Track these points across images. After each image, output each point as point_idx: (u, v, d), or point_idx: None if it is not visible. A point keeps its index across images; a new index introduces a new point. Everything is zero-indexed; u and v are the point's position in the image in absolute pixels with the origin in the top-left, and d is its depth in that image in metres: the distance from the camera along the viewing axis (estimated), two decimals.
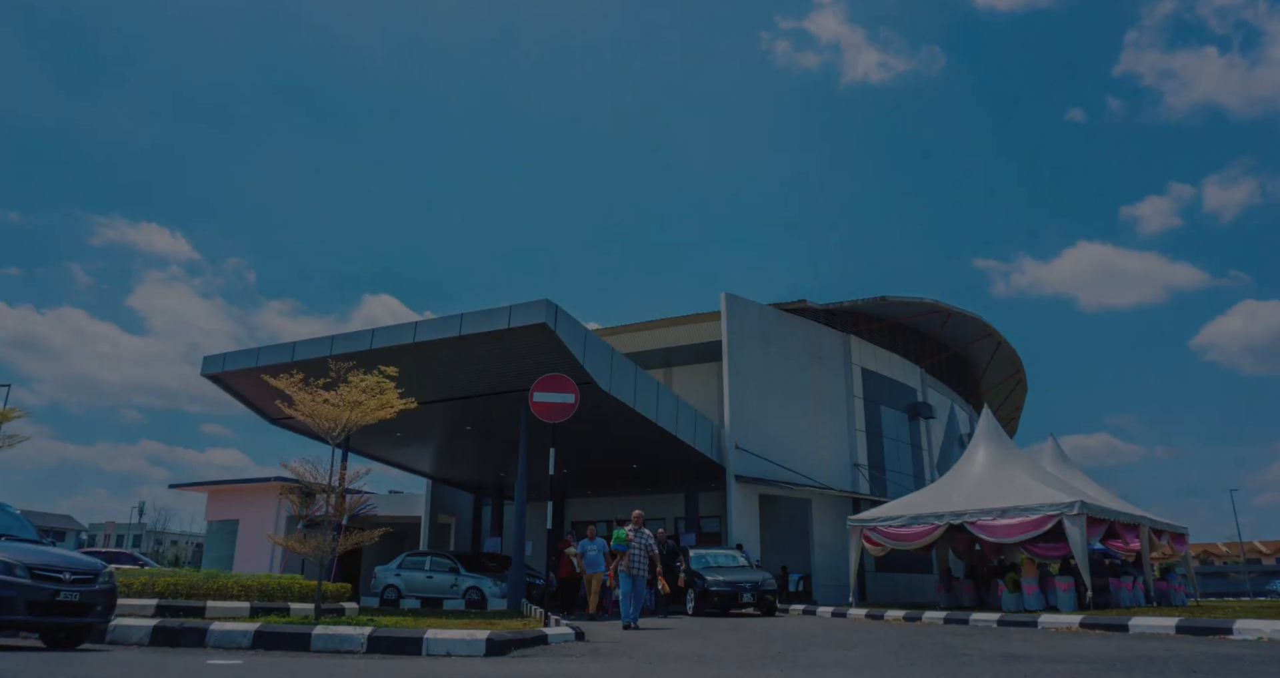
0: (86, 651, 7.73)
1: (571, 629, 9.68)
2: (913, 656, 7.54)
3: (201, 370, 18.74)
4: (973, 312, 28.14)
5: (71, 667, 6.13)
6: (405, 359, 15.49)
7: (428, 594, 20.03)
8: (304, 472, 11.13)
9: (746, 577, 16.40)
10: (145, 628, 8.73)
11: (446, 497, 29.81)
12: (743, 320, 22.38)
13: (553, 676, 6.23)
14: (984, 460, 17.57)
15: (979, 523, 15.54)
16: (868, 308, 26.05)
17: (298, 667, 6.71)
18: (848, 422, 24.93)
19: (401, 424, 16.75)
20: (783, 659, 7.27)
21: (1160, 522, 17.55)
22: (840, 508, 22.58)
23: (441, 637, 8.17)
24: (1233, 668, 6.24)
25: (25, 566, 7.27)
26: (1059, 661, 6.99)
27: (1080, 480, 18.49)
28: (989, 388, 35.70)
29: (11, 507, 8.87)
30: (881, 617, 14.52)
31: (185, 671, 6.25)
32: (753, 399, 21.92)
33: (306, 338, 17.58)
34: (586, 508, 27.85)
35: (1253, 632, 9.27)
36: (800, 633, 10.59)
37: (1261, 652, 7.67)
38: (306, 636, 8.33)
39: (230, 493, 33.61)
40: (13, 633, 8.52)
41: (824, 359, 24.72)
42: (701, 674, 6.17)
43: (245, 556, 30.76)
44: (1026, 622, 12.17)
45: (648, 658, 7.52)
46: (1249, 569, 61.46)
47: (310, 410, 10.78)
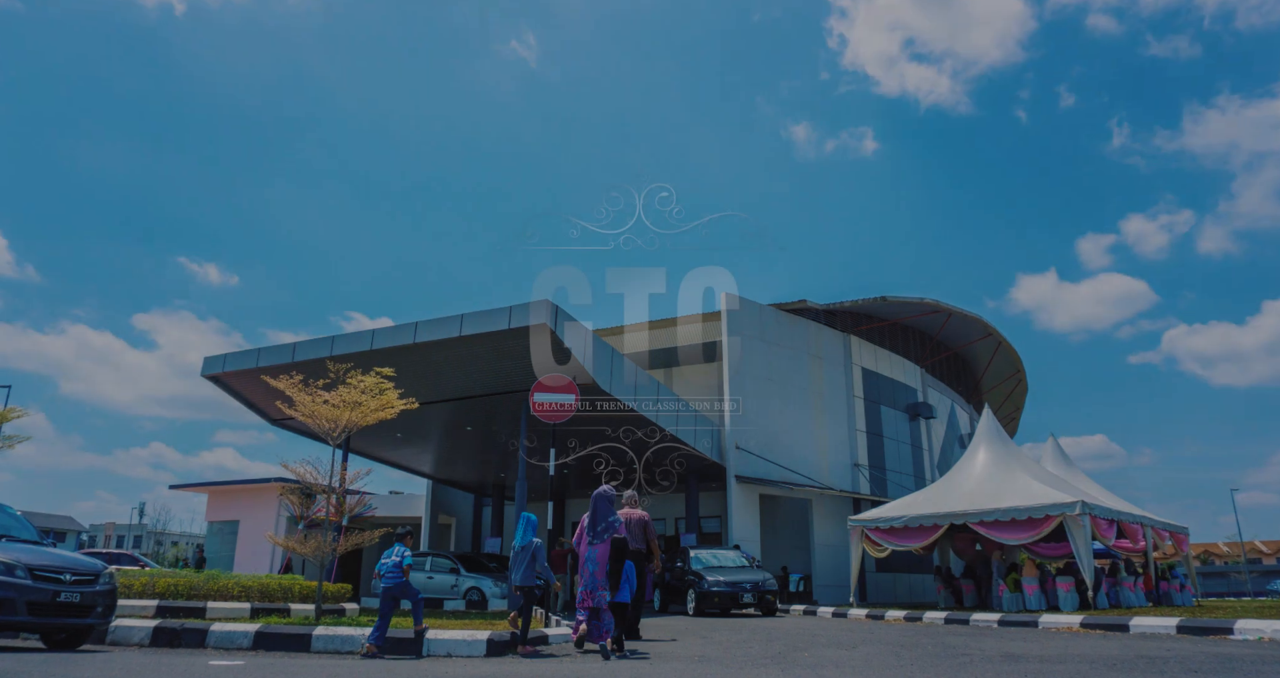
0: (87, 652, 7.73)
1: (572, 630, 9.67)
2: (914, 656, 7.54)
3: (202, 371, 18.74)
4: (973, 312, 28.15)
5: (72, 668, 6.13)
6: (406, 360, 15.50)
7: (428, 595, 20.00)
8: (304, 473, 11.15)
9: (747, 577, 16.39)
10: (146, 629, 8.73)
11: (447, 497, 29.82)
12: (743, 320, 22.39)
13: (553, 676, 6.23)
14: (985, 461, 17.56)
15: (980, 524, 15.53)
16: (868, 308, 26.05)
17: (298, 668, 6.71)
18: (848, 422, 24.93)
19: (402, 425, 16.77)
20: (783, 660, 7.27)
21: (1161, 522, 17.55)
22: (841, 508, 22.58)
23: (442, 637, 8.17)
24: (1234, 668, 6.23)
25: (26, 567, 7.27)
26: (1060, 661, 6.98)
27: (1081, 480, 18.49)
28: (989, 388, 35.70)
29: (12, 508, 8.87)
30: (882, 617, 14.52)
31: (186, 672, 6.24)
32: (753, 399, 21.92)
33: (307, 339, 17.59)
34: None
35: (1254, 632, 9.26)
36: (801, 633, 10.58)
37: (1263, 652, 7.66)
38: (307, 636, 8.34)
39: (230, 494, 33.62)
40: (13, 634, 8.52)
41: (824, 359, 24.73)
42: (702, 674, 6.17)
43: (245, 556, 30.78)
44: (1027, 622, 12.16)
45: (648, 658, 7.52)
46: (1250, 569, 61.44)
47: (310, 411, 10.79)
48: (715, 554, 17.76)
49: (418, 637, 8.14)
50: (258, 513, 31.48)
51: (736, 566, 17.28)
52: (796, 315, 24.34)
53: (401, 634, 8.30)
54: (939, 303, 26.49)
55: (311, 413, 10.79)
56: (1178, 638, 9.47)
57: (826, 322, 25.40)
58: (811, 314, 24.90)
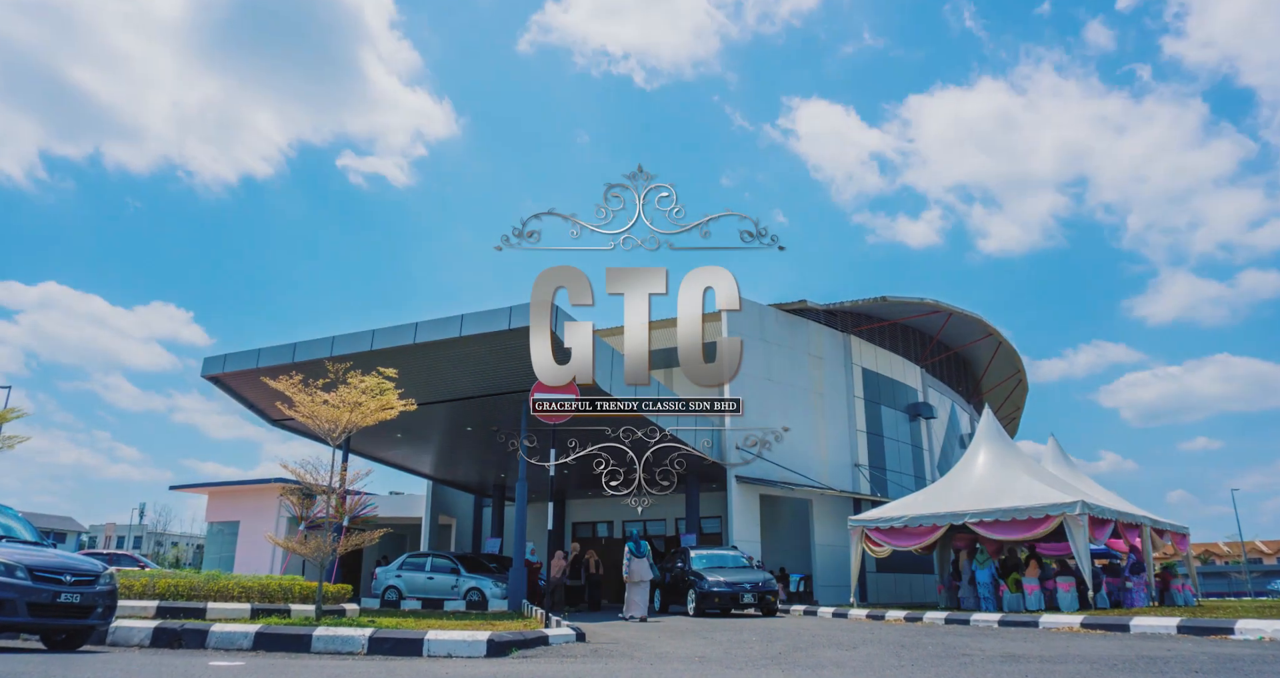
0: (87, 653, 7.73)
1: (573, 630, 9.68)
2: (914, 656, 7.54)
3: (202, 372, 18.74)
4: (973, 312, 28.14)
5: (72, 669, 6.13)
6: (406, 360, 15.49)
7: (429, 596, 20.02)
8: (304, 473, 11.14)
9: (747, 577, 16.38)
10: (146, 630, 8.72)
11: (447, 498, 29.81)
12: (743, 321, 22.38)
13: (554, 676, 6.22)
14: (985, 461, 17.56)
15: (980, 523, 15.53)
16: (868, 308, 26.04)
17: (299, 668, 6.71)
18: (848, 422, 24.93)
19: (402, 425, 16.76)
20: (784, 660, 7.26)
21: (1161, 522, 17.54)
22: (841, 508, 22.58)
23: (442, 638, 8.17)
24: (1234, 668, 6.23)
25: (26, 567, 7.27)
26: (1060, 661, 6.98)
27: (1081, 480, 18.48)
28: (989, 388, 35.69)
29: (13, 508, 8.87)
30: (882, 617, 14.52)
31: (186, 672, 6.24)
32: (753, 399, 21.88)
33: (307, 339, 17.56)
34: (587, 509, 27.87)
35: (1254, 632, 9.26)
36: (801, 634, 10.57)
37: (1263, 652, 7.66)
38: (307, 637, 8.33)
39: (231, 494, 33.63)
40: (13, 635, 8.51)
41: (824, 359, 24.73)
42: (703, 675, 6.16)
43: (246, 557, 30.77)
44: (1028, 622, 12.16)
45: (649, 659, 7.51)
46: (1250, 569, 61.42)
47: (310, 412, 10.79)
48: (716, 554, 17.76)
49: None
50: (258, 514, 31.48)
51: (737, 566, 17.28)
52: (797, 315, 24.34)
53: (402, 635, 8.30)
54: (939, 303, 26.49)
55: (311, 413, 10.79)
56: (1178, 638, 9.46)
57: (826, 322, 25.40)
58: (811, 314, 24.89)
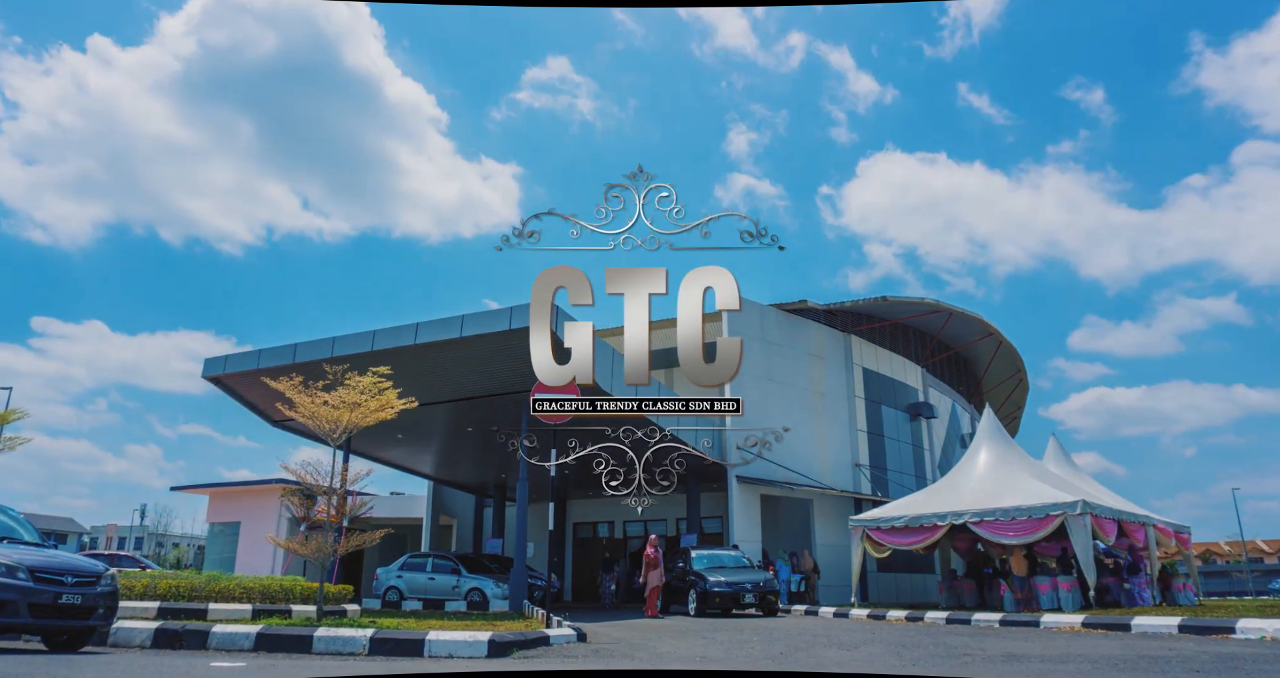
0: (89, 654, 7.73)
1: (573, 630, 9.68)
2: (915, 656, 7.54)
3: (202, 373, 18.74)
4: (974, 312, 28.14)
5: (74, 670, 6.13)
6: (407, 360, 15.50)
7: (430, 596, 20.02)
8: (305, 474, 11.15)
9: (748, 577, 16.38)
10: (147, 631, 8.73)
11: (448, 498, 29.80)
12: (744, 321, 22.37)
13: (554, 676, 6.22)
14: (986, 461, 17.55)
15: (982, 524, 15.52)
16: (868, 308, 26.04)
17: (300, 669, 6.71)
18: (849, 422, 24.92)
19: (403, 425, 16.76)
20: (785, 660, 7.26)
21: (1163, 521, 17.53)
22: (842, 508, 22.57)
23: (444, 639, 8.17)
24: (1235, 668, 6.23)
25: (27, 568, 7.28)
26: (1061, 660, 6.98)
27: (1082, 480, 18.46)
28: (990, 388, 35.67)
29: (14, 509, 8.88)
30: (883, 617, 14.52)
31: (188, 673, 6.24)
32: (754, 400, 21.89)
33: (307, 340, 17.57)
34: (587, 509, 27.87)
35: (1255, 631, 9.25)
36: (802, 634, 10.57)
37: (1264, 651, 7.66)
38: (309, 638, 8.34)
39: (231, 495, 33.61)
40: (15, 636, 8.52)
41: (825, 359, 24.72)
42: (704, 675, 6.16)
43: (246, 558, 30.75)
44: (1029, 622, 12.16)
45: (650, 659, 7.52)
46: (1251, 568, 61.39)
47: (310, 412, 10.80)
48: (717, 554, 17.76)
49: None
50: (259, 515, 31.46)
51: (737, 566, 17.28)
52: (797, 315, 24.34)
53: (403, 635, 8.30)
54: (939, 303, 26.49)
55: (312, 414, 10.79)
56: (1180, 638, 9.46)
57: (827, 322, 25.39)
58: (812, 314, 24.89)
